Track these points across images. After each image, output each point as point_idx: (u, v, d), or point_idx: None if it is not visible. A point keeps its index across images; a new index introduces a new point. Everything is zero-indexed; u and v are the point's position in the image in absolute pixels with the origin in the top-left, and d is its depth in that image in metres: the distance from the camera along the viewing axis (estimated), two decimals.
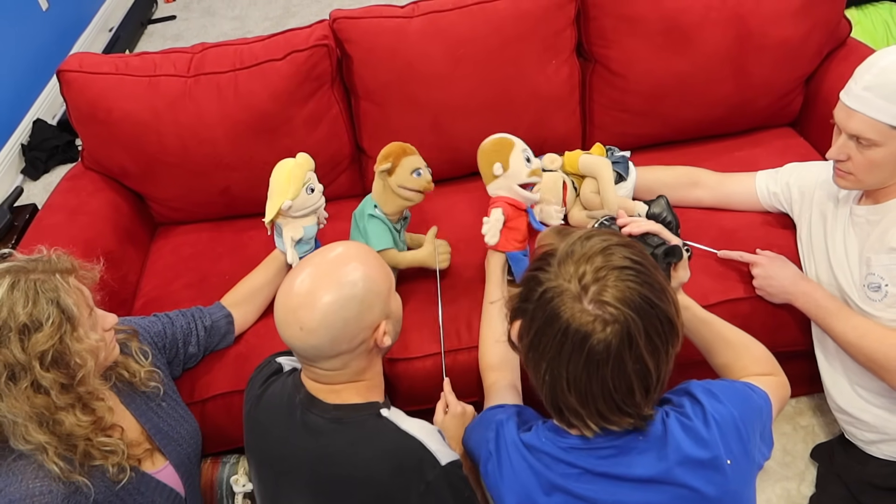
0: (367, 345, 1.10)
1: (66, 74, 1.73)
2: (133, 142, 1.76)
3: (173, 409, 1.35)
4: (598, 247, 0.95)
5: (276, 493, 1.16)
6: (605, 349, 0.89)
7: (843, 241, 1.42)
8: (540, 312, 0.94)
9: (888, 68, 1.24)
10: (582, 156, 1.67)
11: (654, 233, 1.27)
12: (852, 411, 1.43)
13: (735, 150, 1.89)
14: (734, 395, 1.03)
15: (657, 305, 0.91)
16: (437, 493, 1.04)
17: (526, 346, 0.97)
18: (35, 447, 1.07)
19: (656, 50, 1.77)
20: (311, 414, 1.11)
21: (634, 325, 0.89)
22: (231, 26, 3.99)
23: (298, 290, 1.06)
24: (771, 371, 1.19)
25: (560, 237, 1.00)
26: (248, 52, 1.75)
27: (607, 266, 0.92)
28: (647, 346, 0.90)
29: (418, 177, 1.46)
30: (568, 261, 0.94)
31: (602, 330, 0.89)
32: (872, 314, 1.34)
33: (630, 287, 0.90)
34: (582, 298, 0.91)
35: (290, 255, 1.46)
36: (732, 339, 1.22)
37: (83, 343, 1.09)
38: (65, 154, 3.18)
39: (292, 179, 1.42)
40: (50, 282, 1.09)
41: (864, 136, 1.26)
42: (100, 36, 3.91)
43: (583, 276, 0.92)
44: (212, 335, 1.48)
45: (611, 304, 0.89)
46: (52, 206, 1.82)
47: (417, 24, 1.73)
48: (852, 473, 1.47)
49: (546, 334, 0.93)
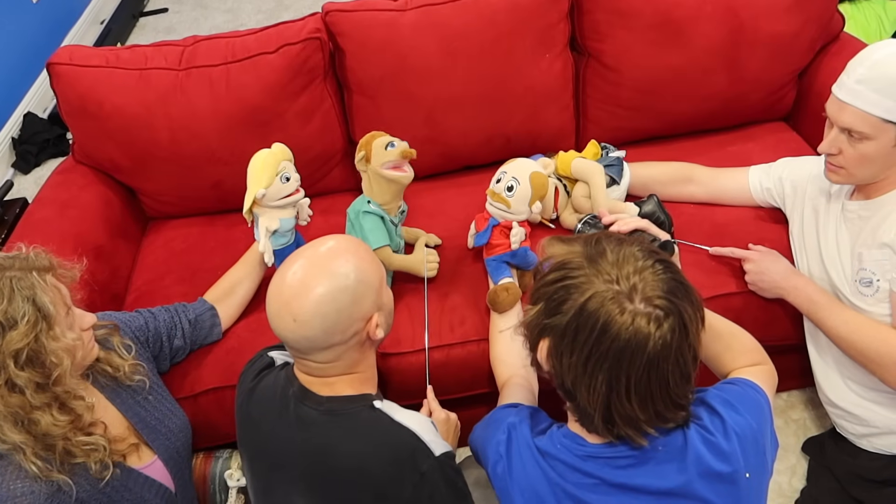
0: (359, 337, 1.10)
1: (57, 67, 1.72)
2: (124, 135, 1.75)
3: (160, 403, 1.34)
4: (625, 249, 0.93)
5: (269, 486, 1.16)
6: (664, 346, 0.87)
7: (835, 237, 1.42)
8: (585, 324, 0.89)
9: (881, 62, 1.24)
10: (575, 160, 1.66)
11: (643, 229, 1.27)
12: (843, 405, 1.43)
13: (728, 144, 1.89)
14: (750, 404, 1.01)
15: (689, 286, 0.92)
16: (431, 484, 1.04)
17: (572, 363, 0.91)
18: (11, 447, 1.06)
19: (650, 44, 1.77)
20: (304, 406, 1.11)
21: (686, 313, 0.89)
22: (223, 19, 3.96)
23: (291, 282, 1.06)
24: (759, 360, 1.19)
25: (568, 245, 0.98)
26: (240, 44, 1.74)
27: (642, 266, 0.90)
28: (696, 332, 0.91)
29: (393, 148, 1.46)
30: (601, 263, 0.92)
31: (659, 328, 0.87)
32: (864, 309, 1.34)
33: (670, 278, 0.90)
34: (633, 298, 0.88)
35: (263, 245, 1.44)
36: (722, 329, 1.22)
37: (59, 342, 1.08)
38: (55, 148, 3.16)
39: (266, 167, 1.42)
40: (26, 279, 1.07)
41: (855, 129, 1.26)
42: (91, 28, 3.88)
43: (627, 276, 0.89)
44: (197, 329, 1.47)
45: (661, 296, 0.88)
46: (43, 200, 1.81)
47: (410, 17, 1.72)
48: (843, 467, 1.48)
49: (601, 344, 0.88)
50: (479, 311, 1.53)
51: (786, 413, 1.79)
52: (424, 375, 1.44)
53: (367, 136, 1.50)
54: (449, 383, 1.48)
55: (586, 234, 0.99)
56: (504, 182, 1.44)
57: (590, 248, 0.94)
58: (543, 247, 1.02)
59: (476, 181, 1.86)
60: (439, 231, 1.70)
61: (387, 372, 1.51)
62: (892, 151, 1.26)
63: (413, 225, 1.70)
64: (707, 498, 0.94)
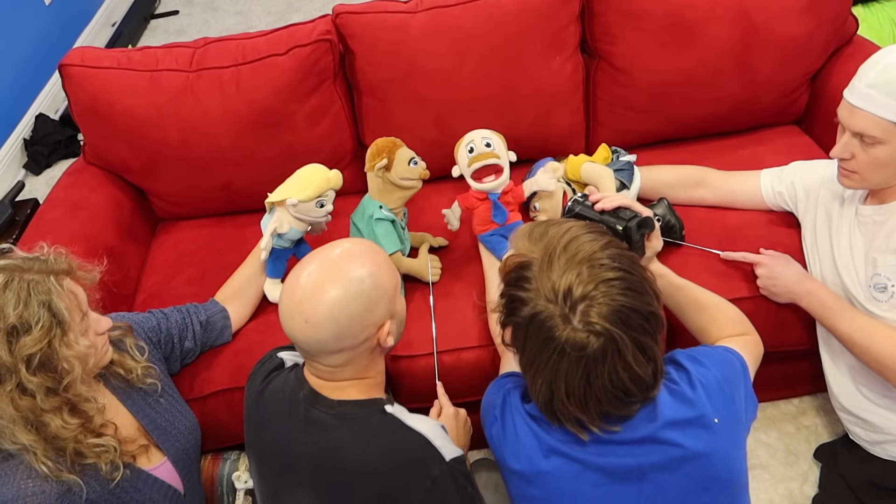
0: (370, 343, 1.10)
1: (68, 69, 1.73)
2: (135, 137, 1.76)
3: (171, 405, 1.34)
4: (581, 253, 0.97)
5: (277, 489, 1.15)
6: (599, 359, 0.93)
7: (849, 241, 1.41)
8: (532, 334, 0.97)
9: (892, 65, 1.23)
10: (585, 164, 1.66)
11: (626, 206, 1.32)
12: (857, 411, 1.42)
13: (740, 147, 1.88)
14: (716, 359, 1.09)
15: (641, 309, 0.95)
16: (441, 489, 1.04)
17: (521, 361, 1.03)
18: (22, 448, 1.06)
19: (661, 46, 1.76)
20: (314, 410, 1.11)
21: (621, 339, 0.93)
22: (234, 21, 3.98)
23: (305, 283, 1.06)
24: (744, 331, 1.25)
25: (531, 241, 1.02)
26: (250, 46, 1.74)
27: (594, 279, 0.94)
28: (634, 355, 0.94)
29: (415, 166, 1.51)
30: (549, 272, 0.96)
31: (596, 341, 0.93)
32: (878, 315, 1.33)
33: (616, 300, 0.93)
34: (571, 319, 0.94)
35: (265, 240, 1.45)
36: (706, 301, 1.30)
37: (72, 349, 1.08)
38: (67, 149, 3.18)
39: (313, 184, 1.43)
40: (44, 284, 1.07)
41: (867, 133, 1.25)
42: (102, 31, 3.91)
43: (568, 292, 0.94)
44: (208, 330, 1.48)
45: (598, 322, 0.92)
46: (54, 200, 1.82)
47: (421, 19, 1.72)
48: (856, 474, 1.47)
49: (541, 354, 0.97)
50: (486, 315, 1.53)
51: (797, 419, 1.78)
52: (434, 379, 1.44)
53: (387, 143, 1.50)
54: (458, 387, 1.47)
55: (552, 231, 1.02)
56: (479, 143, 1.49)
57: (547, 253, 0.98)
58: (514, 235, 1.07)
59: None
60: (447, 233, 1.70)
61: (397, 375, 1.51)
62: None
63: (421, 227, 1.70)
64: (678, 441, 0.99)
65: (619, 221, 1.30)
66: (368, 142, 1.86)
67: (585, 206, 1.37)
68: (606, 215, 1.32)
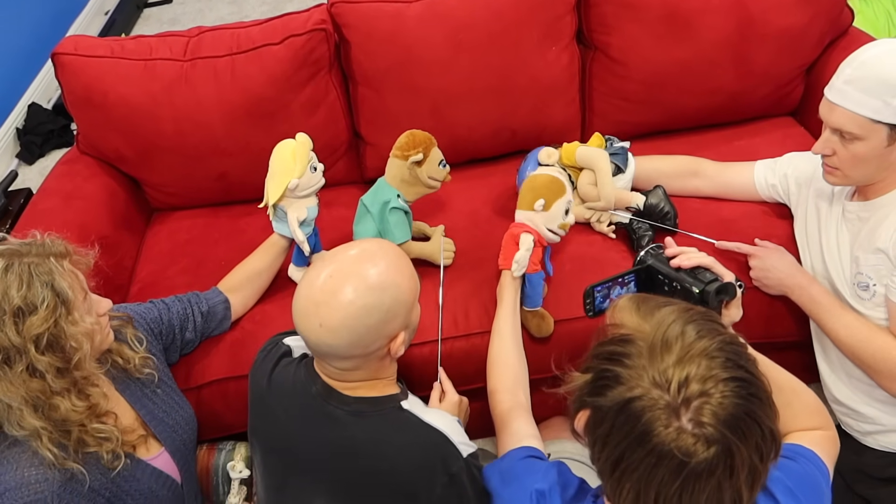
0: (380, 352, 1.09)
1: (61, 57, 1.71)
2: (129, 126, 1.75)
3: (168, 396, 1.34)
4: (699, 346, 0.79)
5: (285, 483, 1.15)
6: (705, 472, 0.75)
7: (836, 238, 1.42)
8: (623, 424, 0.78)
9: (868, 62, 1.24)
10: (579, 148, 1.66)
11: (707, 266, 1.20)
12: (848, 403, 1.43)
13: (735, 139, 1.88)
14: (814, 491, 0.92)
15: (762, 422, 0.78)
16: (459, 485, 1.05)
17: (603, 457, 0.83)
18: (29, 433, 1.06)
19: (657, 37, 1.76)
20: (329, 406, 1.10)
21: (738, 452, 0.76)
22: (228, 10, 3.95)
23: (325, 286, 1.03)
24: (821, 424, 1.06)
25: (641, 317, 0.86)
26: (245, 35, 1.73)
27: (713, 377, 0.77)
28: (746, 477, 0.78)
29: (444, 168, 1.52)
30: (660, 357, 0.79)
31: (705, 450, 0.75)
32: (863, 312, 1.34)
33: (737, 404, 0.76)
34: (681, 414, 0.75)
35: (300, 236, 1.45)
36: (782, 382, 1.09)
37: (78, 326, 1.09)
38: (60, 138, 3.16)
39: (298, 158, 1.43)
40: (44, 265, 1.08)
41: (845, 129, 1.26)
42: (95, 19, 3.87)
43: (682, 384, 0.76)
44: (208, 321, 1.47)
45: (713, 425, 0.75)
46: (47, 190, 1.81)
47: (417, 8, 1.71)
48: (848, 464, 1.47)
49: (635, 452, 0.78)
50: (482, 304, 1.53)
51: None
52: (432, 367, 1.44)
53: (424, 138, 1.50)
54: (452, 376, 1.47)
55: (665, 311, 0.85)
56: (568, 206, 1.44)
57: (659, 333, 0.81)
58: (617, 307, 0.91)
59: (481, 174, 1.86)
60: (444, 222, 1.70)
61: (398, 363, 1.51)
62: (885, 152, 1.26)
63: (418, 217, 1.70)
64: None
65: (697, 283, 1.17)
66: (364, 132, 1.87)
67: (660, 258, 1.26)
68: (683, 273, 1.21)
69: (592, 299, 1.24)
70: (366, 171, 1.92)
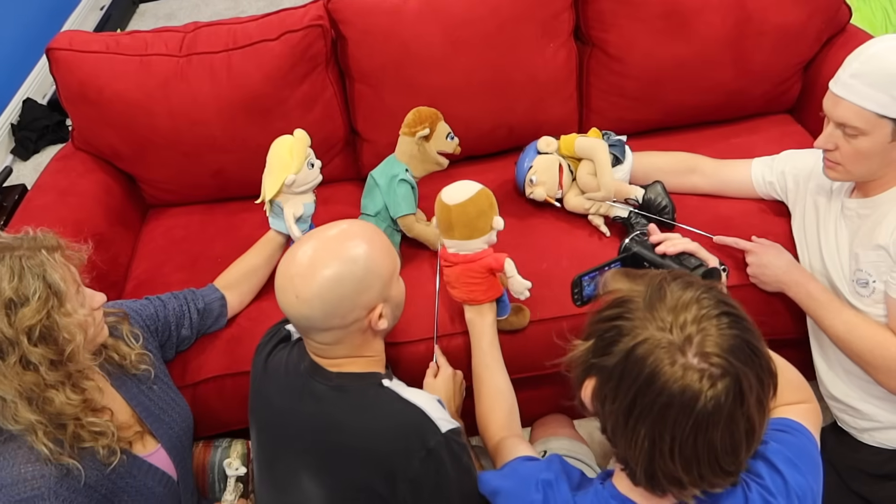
0: (360, 324, 1.11)
1: (56, 53, 1.70)
2: (124, 122, 1.74)
3: (164, 393, 1.34)
4: (688, 295, 0.84)
5: (275, 458, 1.17)
6: (715, 408, 0.78)
7: (835, 234, 1.42)
8: (632, 370, 0.81)
9: (876, 55, 1.23)
10: (578, 138, 1.66)
11: (691, 252, 1.22)
12: (845, 399, 1.43)
13: (732, 136, 1.88)
14: (810, 462, 0.95)
15: (761, 353, 0.82)
16: (437, 460, 1.05)
17: (614, 410, 0.85)
18: (24, 427, 1.06)
19: (655, 34, 1.76)
20: (314, 381, 1.13)
21: (745, 377, 0.79)
22: (225, 6, 3.94)
23: (300, 260, 1.08)
24: (805, 398, 1.09)
25: (631, 282, 0.89)
26: (241, 31, 1.73)
27: (705, 316, 0.81)
28: (756, 402, 0.81)
29: (452, 140, 1.54)
30: (659, 307, 0.83)
31: (711, 386, 0.78)
32: (862, 308, 1.34)
33: (735, 334, 0.80)
34: (686, 350, 0.79)
35: (296, 233, 1.45)
36: None
37: (71, 318, 1.09)
38: (55, 134, 3.15)
39: (295, 154, 1.43)
40: (36, 257, 1.08)
41: (850, 124, 1.25)
42: (91, 14, 3.86)
43: (683, 324, 0.80)
44: (205, 318, 1.47)
45: (717, 354, 0.79)
46: (42, 186, 1.80)
47: (414, 5, 1.71)
48: (844, 461, 1.48)
49: (645, 395, 0.80)
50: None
51: None
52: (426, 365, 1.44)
53: (430, 113, 1.52)
54: None
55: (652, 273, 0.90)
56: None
57: (652, 289, 0.86)
58: (607, 281, 0.94)
59: (478, 171, 1.84)
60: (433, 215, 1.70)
61: (392, 360, 1.50)
62: (888, 148, 1.25)
63: None
64: None
65: (682, 269, 1.17)
66: (361, 129, 1.87)
67: (645, 245, 1.26)
68: (668, 259, 1.22)
69: (580, 288, 1.26)
70: (362, 168, 1.91)
